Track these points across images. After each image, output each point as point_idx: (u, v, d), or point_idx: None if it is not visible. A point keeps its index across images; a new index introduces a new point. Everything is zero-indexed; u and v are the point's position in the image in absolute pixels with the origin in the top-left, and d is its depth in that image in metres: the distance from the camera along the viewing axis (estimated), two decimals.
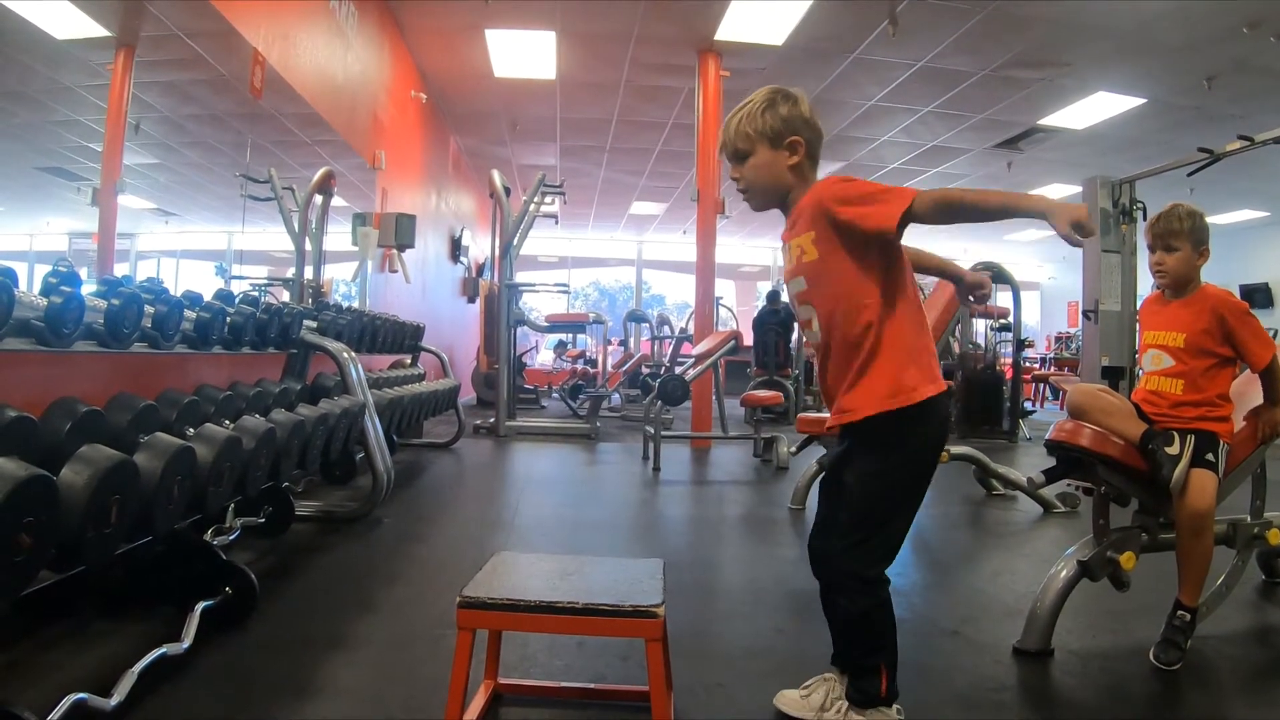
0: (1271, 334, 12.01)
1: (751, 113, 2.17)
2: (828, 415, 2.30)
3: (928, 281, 12.51)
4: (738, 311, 17.45)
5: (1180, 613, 2.77)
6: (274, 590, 3.24)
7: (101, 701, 2.00)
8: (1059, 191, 14.05)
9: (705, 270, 9.13)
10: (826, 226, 2.07)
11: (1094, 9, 7.36)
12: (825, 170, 2.12)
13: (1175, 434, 2.79)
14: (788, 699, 2.30)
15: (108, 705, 2.01)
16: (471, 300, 14.55)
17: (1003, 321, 11.31)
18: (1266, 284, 15.94)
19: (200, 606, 2.63)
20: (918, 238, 1.81)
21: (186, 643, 2.45)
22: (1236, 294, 2.93)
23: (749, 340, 12.15)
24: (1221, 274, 16.74)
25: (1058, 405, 15.58)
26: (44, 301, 2.55)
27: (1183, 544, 2.77)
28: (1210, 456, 2.78)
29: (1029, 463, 7.57)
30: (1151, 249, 3.05)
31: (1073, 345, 17.22)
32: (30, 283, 2.64)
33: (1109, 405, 2.88)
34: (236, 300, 4.05)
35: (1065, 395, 3.06)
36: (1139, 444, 2.79)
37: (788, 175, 2.18)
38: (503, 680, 2.36)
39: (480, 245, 15.14)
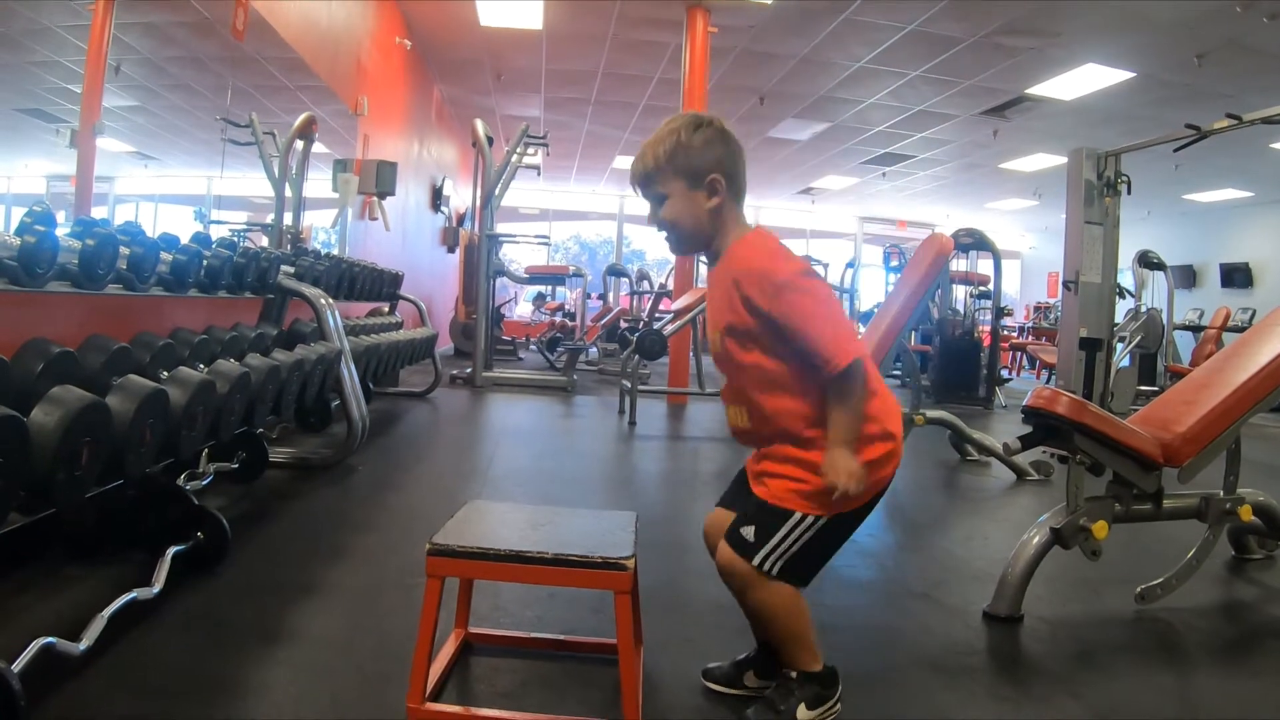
0: (1249, 315, 11.87)
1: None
2: None
3: (911, 245, 12.53)
4: None
5: (789, 672, 2.06)
6: (246, 536, 3.24)
7: (70, 646, 1.99)
8: (1044, 161, 14.04)
9: None
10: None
11: None
12: (809, 131, 2.09)
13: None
14: None
15: (76, 649, 2.00)
16: (451, 250, 14.48)
17: (982, 289, 11.35)
18: (1247, 264, 16.01)
19: (172, 551, 2.61)
20: (902, 201, 1.80)
21: (157, 587, 2.44)
22: (1217, 274, 2.80)
23: None
24: (1202, 252, 16.83)
25: (1034, 374, 15.69)
26: (17, 241, 2.51)
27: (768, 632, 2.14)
28: (771, 560, 1.97)
29: (1004, 429, 7.62)
30: None
31: (1051, 315, 17.31)
32: (8, 225, 2.60)
33: None
34: (213, 244, 4.01)
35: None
36: None
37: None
38: (473, 629, 2.37)
39: (461, 195, 15.03)
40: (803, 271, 1.95)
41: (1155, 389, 9.97)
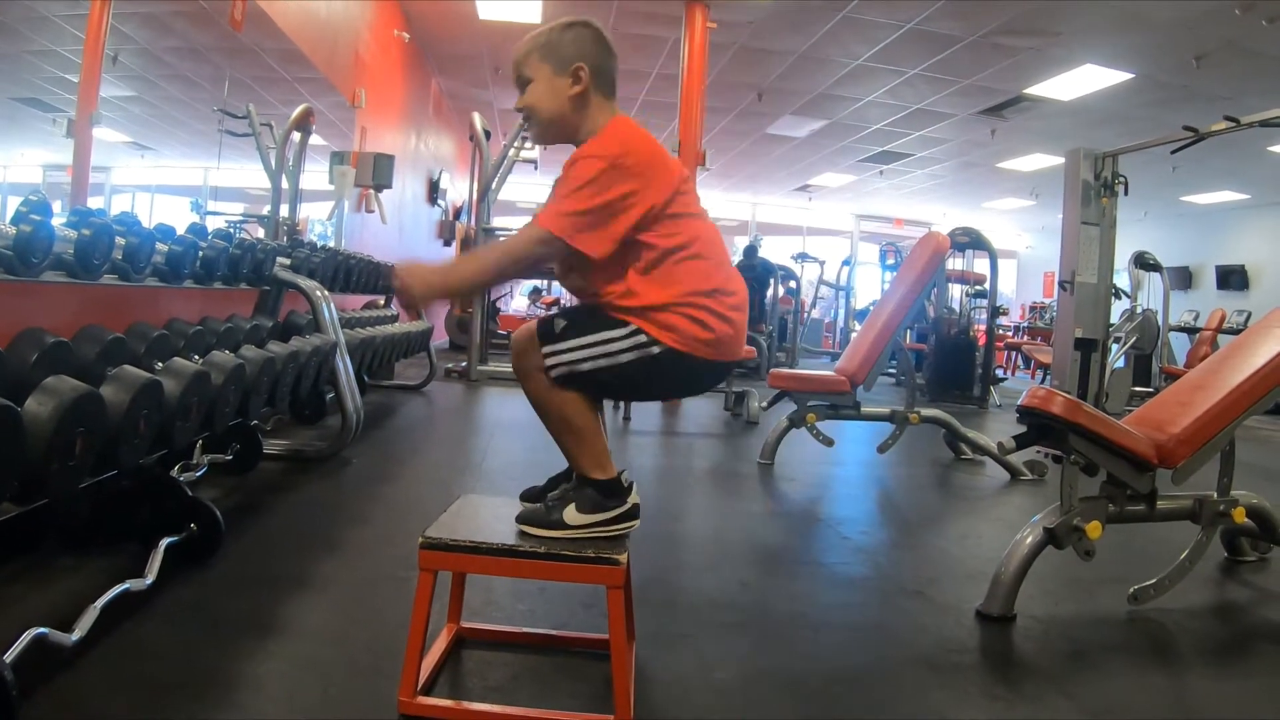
0: (1244, 317, 11.83)
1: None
2: (799, 372, 2.25)
3: (907, 243, 12.53)
4: None
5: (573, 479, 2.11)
6: (240, 528, 3.23)
7: (62, 636, 1.98)
8: (1041, 161, 14.03)
9: None
10: None
11: None
12: (806, 128, 2.09)
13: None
14: None
15: (69, 640, 1.99)
16: (448, 243, 14.47)
17: (978, 288, 11.36)
18: (1243, 266, 16.04)
19: (165, 543, 2.61)
20: (899, 199, 1.80)
21: (150, 579, 2.43)
22: (1213, 276, 2.81)
23: None
24: (1199, 254, 16.85)
25: (1029, 374, 15.70)
26: (13, 230, 2.50)
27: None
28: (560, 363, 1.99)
29: (998, 429, 7.62)
30: None
31: (1047, 315, 17.31)
32: (4, 214, 2.60)
33: None
34: (209, 235, 4.00)
35: None
36: None
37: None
38: (465, 624, 2.36)
39: (459, 188, 15.01)
40: (610, 157, 1.94)
41: (1150, 390, 9.99)
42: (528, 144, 10.26)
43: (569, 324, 2.01)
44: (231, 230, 4.90)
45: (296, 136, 6.65)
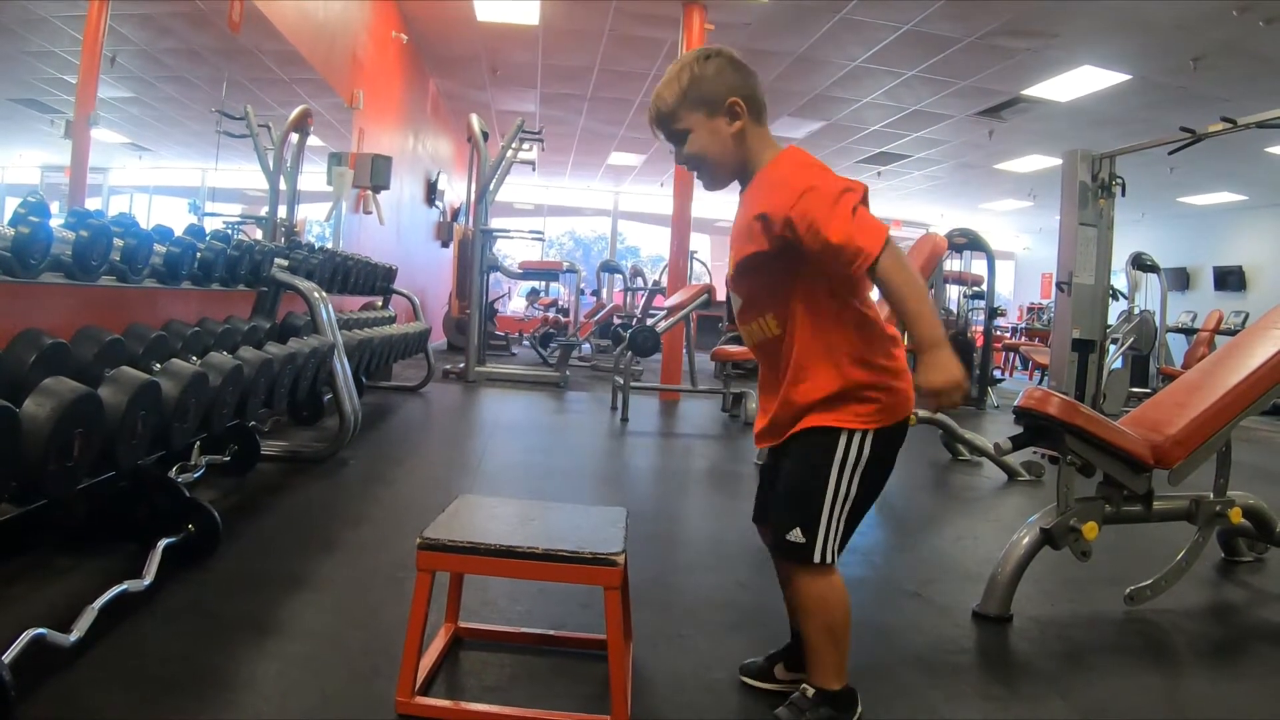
0: (1242, 319, 11.77)
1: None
2: None
3: (905, 244, 12.49)
4: (712, 266, 17.45)
5: (805, 688, 1.98)
6: (237, 529, 3.23)
7: (61, 637, 1.99)
8: (1039, 162, 14.04)
9: (681, 224, 9.12)
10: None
11: None
12: (804, 129, 2.08)
13: None
14: None
15: (67, 641, 2.00)
16: (445, 244, 14.48)
17: (976, 289, 11.36)
18: (1240, 267, 16.05)
19: (163, 544, 2.61)
20: (896, 200, 1.80)
21: (148, 580, 2.43)
22: (1210, 277, 2.81)
23: (722, 295, 12.15)
24: (1196, 255, 16.85)
25: (1026, 375, 15.71)
26: (11, 232, 2.51)
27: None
28: (829, 547, 1.91)
29: (995, 430, 7.62)
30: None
31: (1044, 316, 17.32)
32: (2, 215, 2.61)
33: None
34: (207, 236, 4.00)
35: None
36: None
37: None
38: (463, 624, 2.37)
39: (456, 190, 15.02)
40: (835, 182, 1.82)
41: (1148, 391, 9.99)
42: (525, 146, 10.26)
43: (800, 522, 1.91)
44: (229, 231, 4.90)
45: (294, 137, 6.65)
